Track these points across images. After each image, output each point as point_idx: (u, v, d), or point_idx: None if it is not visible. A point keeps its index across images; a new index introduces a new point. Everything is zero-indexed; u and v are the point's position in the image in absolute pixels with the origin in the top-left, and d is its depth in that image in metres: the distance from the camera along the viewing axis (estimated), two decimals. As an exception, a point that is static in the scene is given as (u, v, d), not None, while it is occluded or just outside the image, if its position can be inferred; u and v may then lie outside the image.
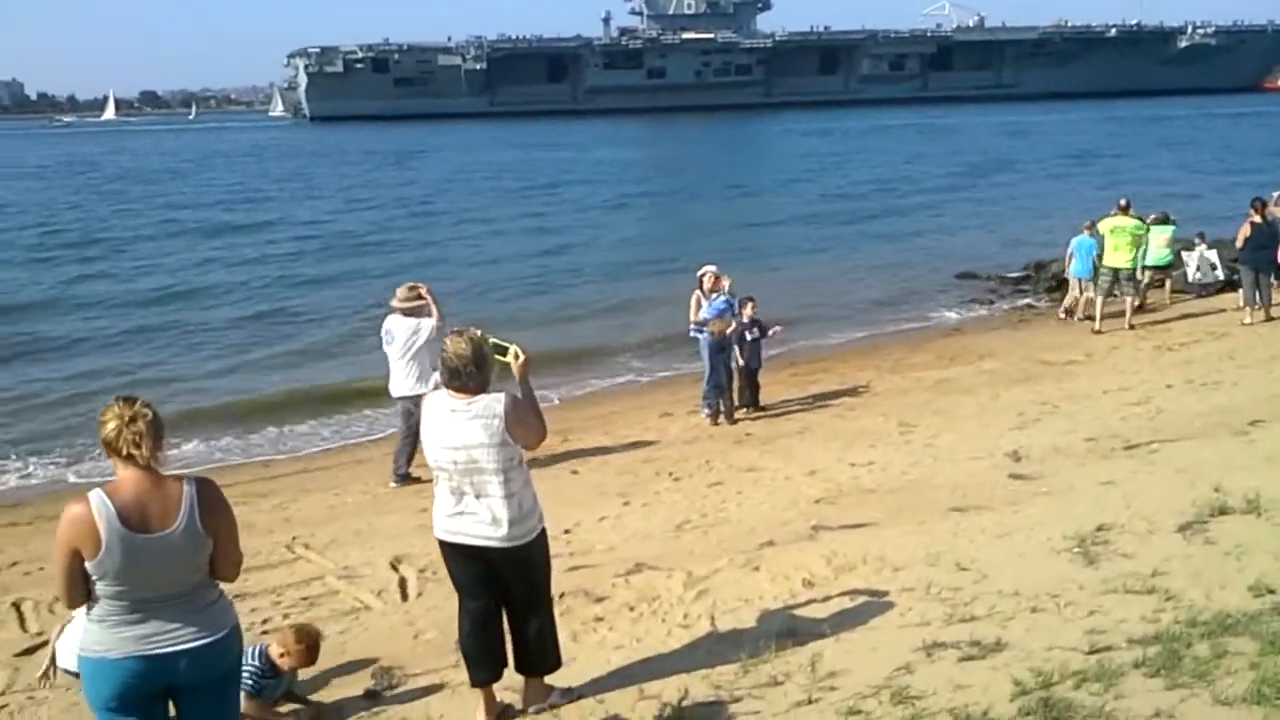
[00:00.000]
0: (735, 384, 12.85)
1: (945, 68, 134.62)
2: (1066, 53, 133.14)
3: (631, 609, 7.00)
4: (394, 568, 8.25)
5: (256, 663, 5.66)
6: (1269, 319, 15.60)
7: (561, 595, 7.31)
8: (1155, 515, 7.51)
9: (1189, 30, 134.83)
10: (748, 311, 12.83)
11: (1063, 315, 17.65)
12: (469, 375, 5.09)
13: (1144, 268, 17.40)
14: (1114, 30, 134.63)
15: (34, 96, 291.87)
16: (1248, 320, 15.56)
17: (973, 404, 12.16)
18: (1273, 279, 15.79)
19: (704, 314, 12.74)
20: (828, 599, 6.79)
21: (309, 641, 5.83)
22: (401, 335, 10.47)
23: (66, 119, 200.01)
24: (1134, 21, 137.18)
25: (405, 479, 10.89)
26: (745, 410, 12.88)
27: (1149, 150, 58.00)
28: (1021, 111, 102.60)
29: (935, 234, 30.13)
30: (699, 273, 13.08)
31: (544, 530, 5.51)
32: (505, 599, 5.45)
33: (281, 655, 5.74)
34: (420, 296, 10.58)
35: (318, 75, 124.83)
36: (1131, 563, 6.74)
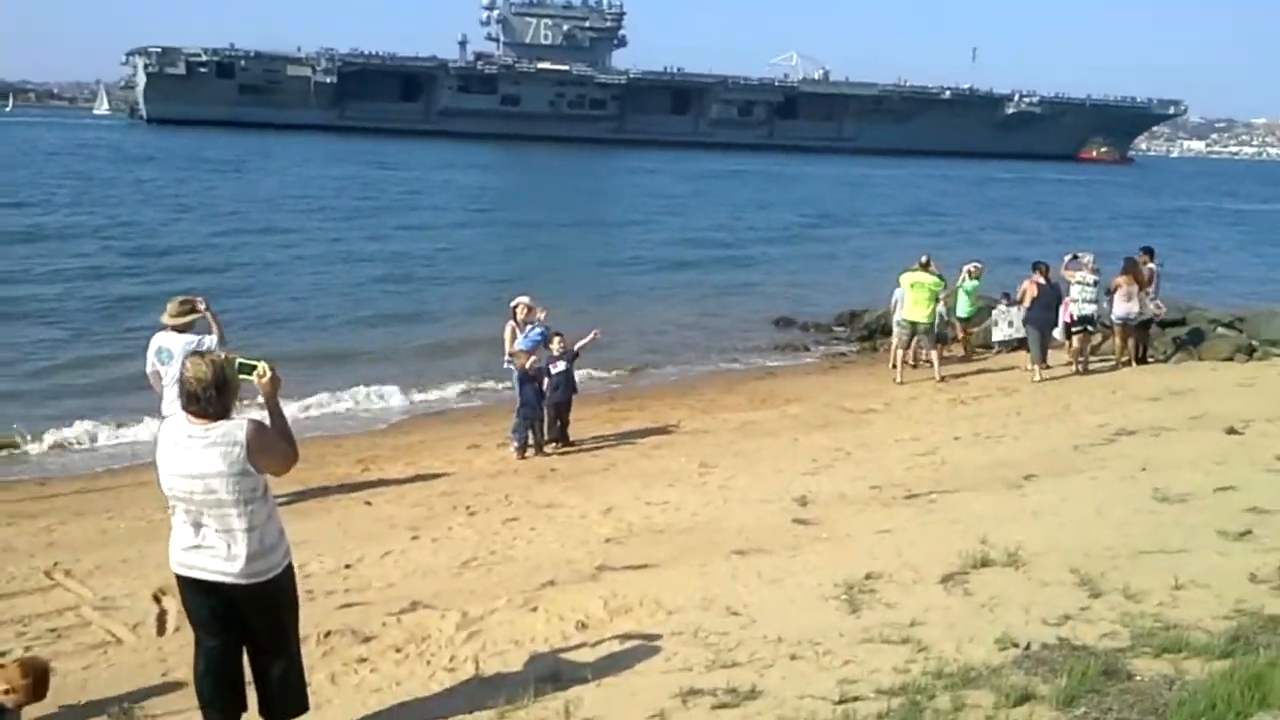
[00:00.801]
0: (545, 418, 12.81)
1: (791, 116, 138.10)
2: (904, 111, 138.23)
3: (398, 650, 6.82)
4: (156, 599, 7.88)
5: None
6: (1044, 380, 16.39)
7: (328, 634, 7.13)
8: (922, 565, 7.71)
9: (1016, 98, 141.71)
10: (555, 345, 12.81)
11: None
12: (209, 400, 4.85)
13: (956, 320, 18.32)
14: (948, 93, 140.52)
15: None
16: (1037, 378, 16.28)
17: (773, 447, 12.37)
18: (1053, 338, 16.71)
19: (519, 345, 12.68)
20: (599, 642, 6.75)
21: (35, 675, 5.47)
22: (181, 354, 9.98)
23: None
24: (966, 86, 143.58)
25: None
26: (554, 445, 12.84)
27: (975, 210, 60.55)
28: (860, 164, 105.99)
29: (764, 281, 30.64)
30: (512, 304, 13.02)
31: (289, 566, 5.30)
32: (246, 638, 5.23)
33: (6, 691, 5.37)
34: (194, 310, 10.07)
35: (158, 76, 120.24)
36: (893, 612, 6.90)
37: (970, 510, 9.15)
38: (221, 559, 4.96)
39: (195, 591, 5.11)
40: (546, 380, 12.66)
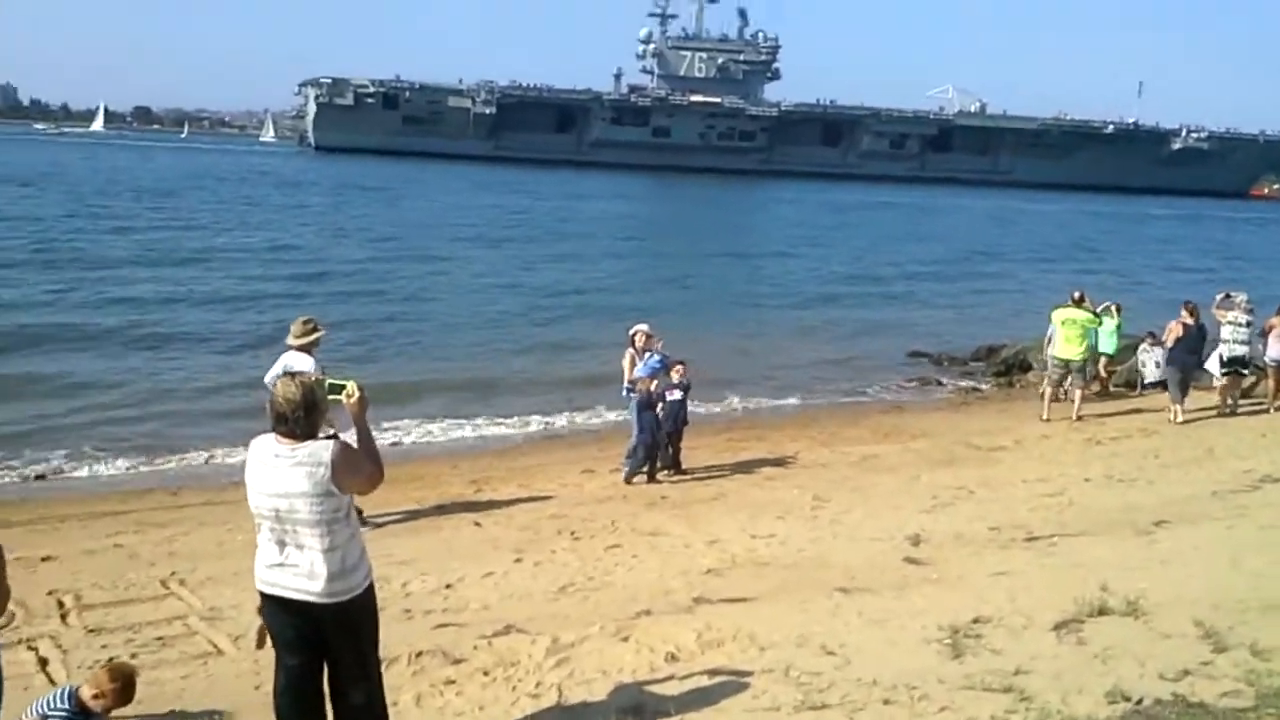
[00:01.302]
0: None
1: (944, 149, 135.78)
2: (1063, 145, 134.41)
3: (486, 674, 6.77)
4: (260, 612, 8.00)
5: (65, 705, 5.41)
6: (1186, 421, 15.69)
7: (419, 654, 7.13)
8: (1035, 611, 7.32)
9: (1183, 133, 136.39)
10: (676, 374, 12.71)
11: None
12: (296, 421, 4.89)
13: (1104, 355, 17.63)
14: (1111, 128, 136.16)
15: (26, 102, 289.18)
16: (1177, 420, 15.59)
17: (891, 483, 12.00)
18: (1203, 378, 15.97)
19: (638, 372, 12.64)
20: (687, 676, 6.58)
21: (123, 680, 5.59)
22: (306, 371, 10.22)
23: (53, 127, 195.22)
24: (1131, 120, 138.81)
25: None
26: (666, 472, 12.71)
27: (1133, 247, 58.35)
28: (1015, 198, 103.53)
29: (903, 315, 30.07)
30: (630, 331, 12.98)
31: (370, 586, 5.28)
32: (327, 657, 5.24)
33: (95, 696, 5.49)
34: (316, 330, 10.29)
35: (327, 106, 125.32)
36: (998, 659, 6.55)
37: (1093, 555, 8.67)
38: (304, 577, 4.97)
39: (278, 609, 5.14)
40: (662, 407, 12.55)
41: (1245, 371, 16.16)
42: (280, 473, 4.89)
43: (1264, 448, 13.30)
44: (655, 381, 12.37)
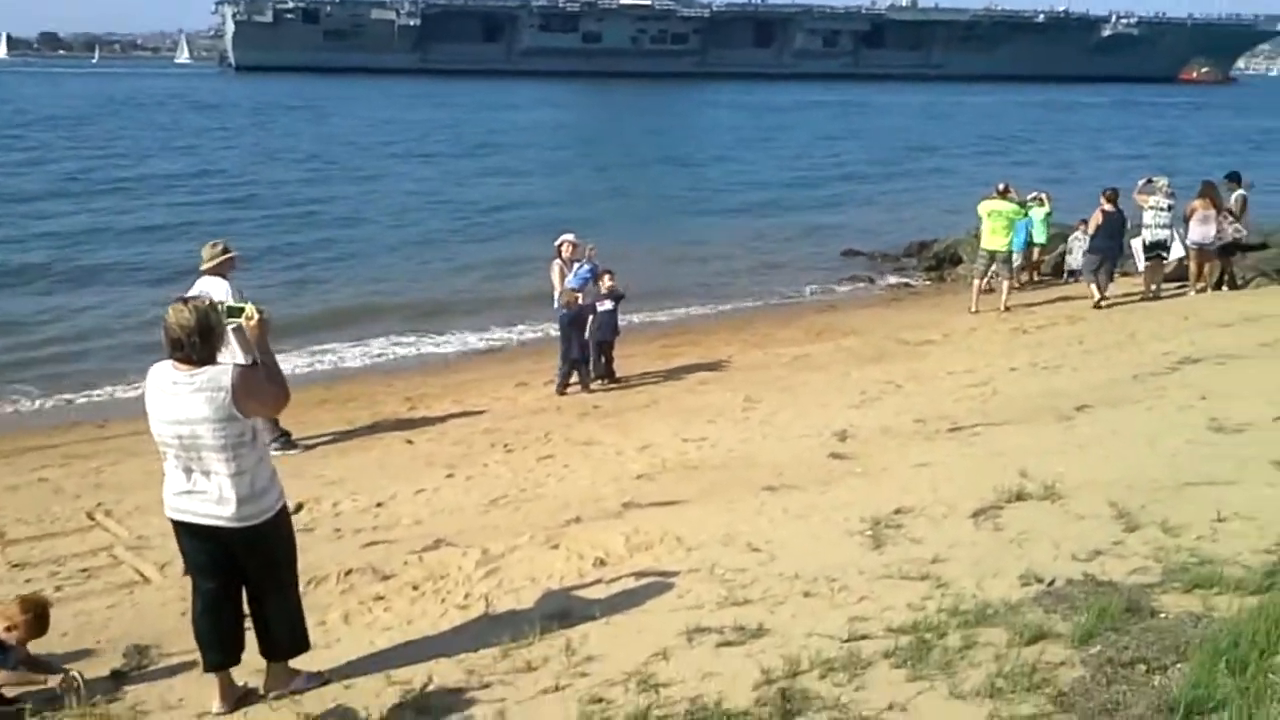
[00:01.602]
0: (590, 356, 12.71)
1: (877, 46, 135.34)
2: (995, 37, 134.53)
3: (415, 588, 6.79)
4: (180, 538, 7.97)
5: None
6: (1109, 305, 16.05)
7: (349, 572, 7.14)
8: (955, 499, 7.47)
9: (1113, 20, 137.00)
10: (605, 282, 12.66)
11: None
12: (192, 346, 4.81)
13: (1037, 245, 17.85)
14: (1041, 16, 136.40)
15: None
16: (1097, 303, 15.90)
17: (821, 381, 12.12)
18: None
19: (568, 283, 12.55)
20: (614, 580, 6.66)
21: (35, 611, 5.57)
22: (220, 297, 10.01)
23: None
24: (1061, 9, 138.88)
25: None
26: (600, 382, 12.73)
27: (1064, 135, 58.74)
28: (949, 92, 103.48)
29: (834, 214, 30.06)
30: (556, 242, 12.85)
31: (283, 508, 5.26)
32: (244, 580, 5.23)
33: (7, 629, 5.45)
34: (225, 251, 10.09)
35: (246, 24, 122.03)
36: (918, 548, 6.69)
37: (1014, 443, 8.84)
38: (213, 503, 4.94)
39: (190, 536, 5.11)
40: (593, 318, 12.53)
41: (1167, 256, 16.39)
42: (180, 399, 4.82)
43: (1184, 330, 13.55)
44: (580, 295, 12.30)
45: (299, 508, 8.68)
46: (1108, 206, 15.94)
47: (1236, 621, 5.08)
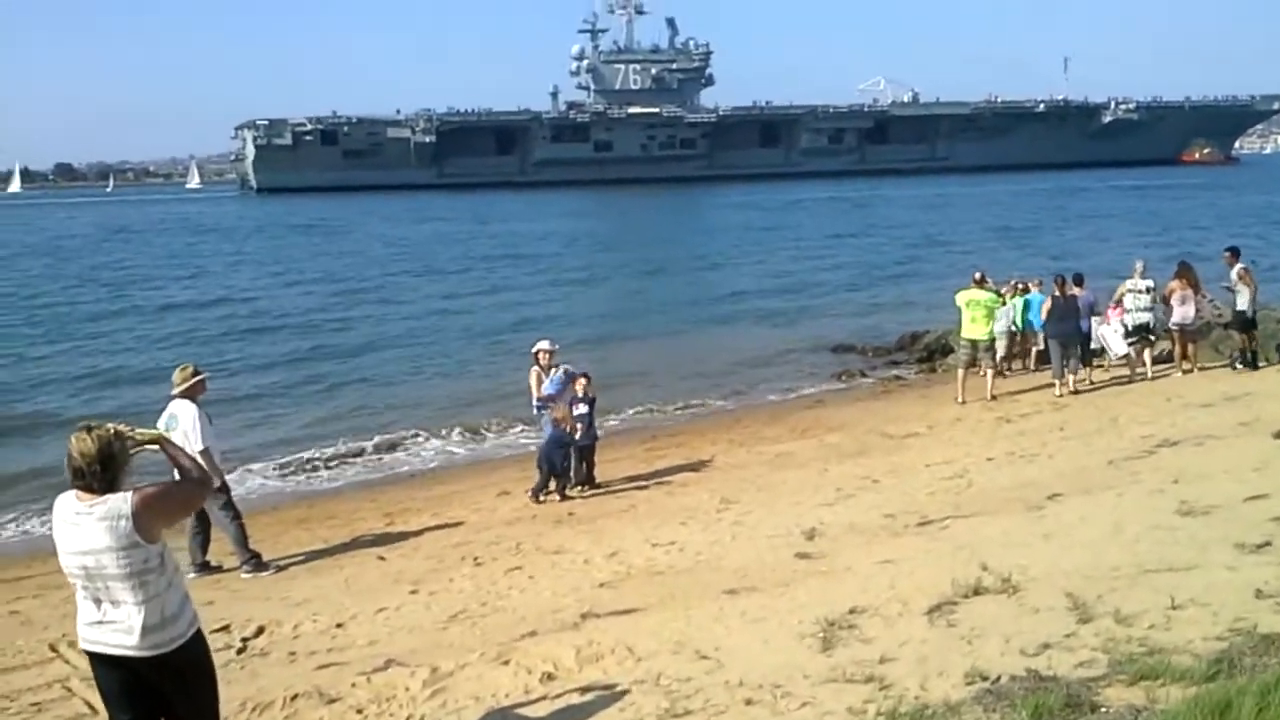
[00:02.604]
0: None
1: (882, 141, 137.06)
2: (997, 127, 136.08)
3: (359, 712, 6.67)
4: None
5: None
6: (1074, 392, 15.98)
7: (294, 697, 7.03)
8: (912, 596, 7.34)
9: (1112, 106, 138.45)
10: (579, 386, 12.67)
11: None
12: (93, 474, 4.75)
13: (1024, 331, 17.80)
14: (1042, 105, 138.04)
15: None
16: (1057, 393, 15.90)
17: (799, 479, 12.01)
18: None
19: (545, 389, 12.58)
20: (560, 694, 6.55)
21: None
22: (188, 421, 10.10)
23: None
24: (1060, 97, 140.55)
25: (204, 568, 10.56)
26: (580, 488, 12.66)
27: (1068, 222, 58.89)
28: (953, 184, 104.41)
29: (829, 309, 30.18)
30: (533, 349, 12.89)
31: (197, 635, 5.12)
32: (164, 712, 5.12)
33: None
34: (197, 374, 10.21)
35: (266, 148, 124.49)
36: (867, 648, 6.56)
37: (981, 535, 8.71)
38: (122, 633, 4.84)
39: (101, 665, 5.00)
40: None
41: (1152, 338, 16.33)
42: (82, 530, 4.76)
43: (1166, 412, 13.41)
44: (575, 420, 12.33)
45: (259, 631, 8.64)
46: (1055, 292, 16.10)
47: (1175, 715, 4.93)
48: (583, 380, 12.77)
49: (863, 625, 6.97)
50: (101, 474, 4.76)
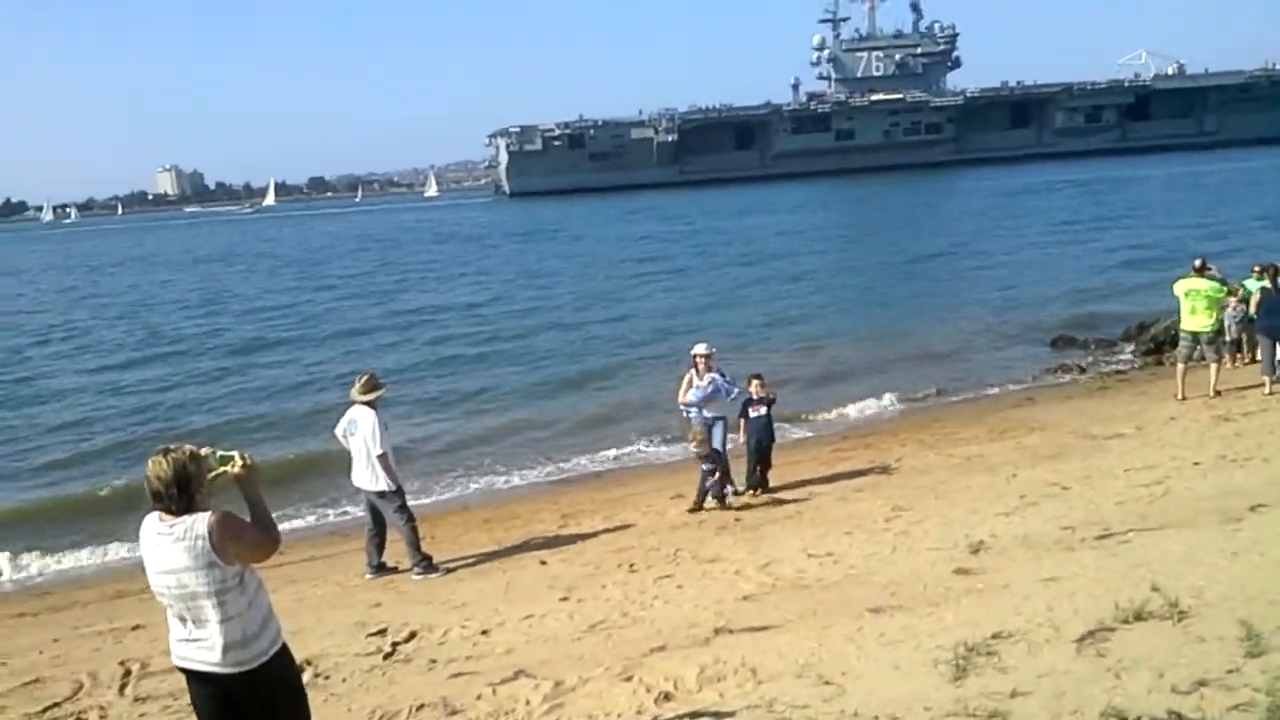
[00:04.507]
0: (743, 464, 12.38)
1: (1143, 117, 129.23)
2: (1275, 97, 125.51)
3: (476, 725, 6.65)
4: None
5: None
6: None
7: (420, 707, 7.07)
8: (1067, 621, 6.69)
9: None
10: (754, 388, 12.30)
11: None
12: (170, 497, 4.86)
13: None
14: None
15: (212, 186, 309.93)
16: (1267, 391, 14.45)
17: (983, 484, 11.22)
18: None
19: (691, 395, 12.19)
20: (674, 716, 6.30)
21: None
22: (367, 427, 10.37)
23: (247, 207, 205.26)
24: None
25: (380, 569, 10.84)
26: (753, 492, 12.28)
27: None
28: (1225, 160, 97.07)
29: (1056, 298, 28.47)
30: (691, 351, 12.44)
31: (280, 652, 5.14)
32: None
33: None
34: (378, 386, 10.45)
35: (518, 154, 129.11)
36: (1001, 679, 6.00)
37: (1162, 550, 7.87)
38: (206, 650, 4.94)
39: (192, 682, 5.12)
40: (745, 424, 12.21)
41: None
42: (163, 550, 4.86)
43: None
44: (701, 437, 11.80)
45: (411, 636, 8.76)
46: (1266, 283, 14.92)
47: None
48: (757, 382, 12.39)
49: (1004, 652, 6.38)
50: (179, 495, 4.84)
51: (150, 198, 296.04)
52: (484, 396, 21.44)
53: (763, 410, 12.27)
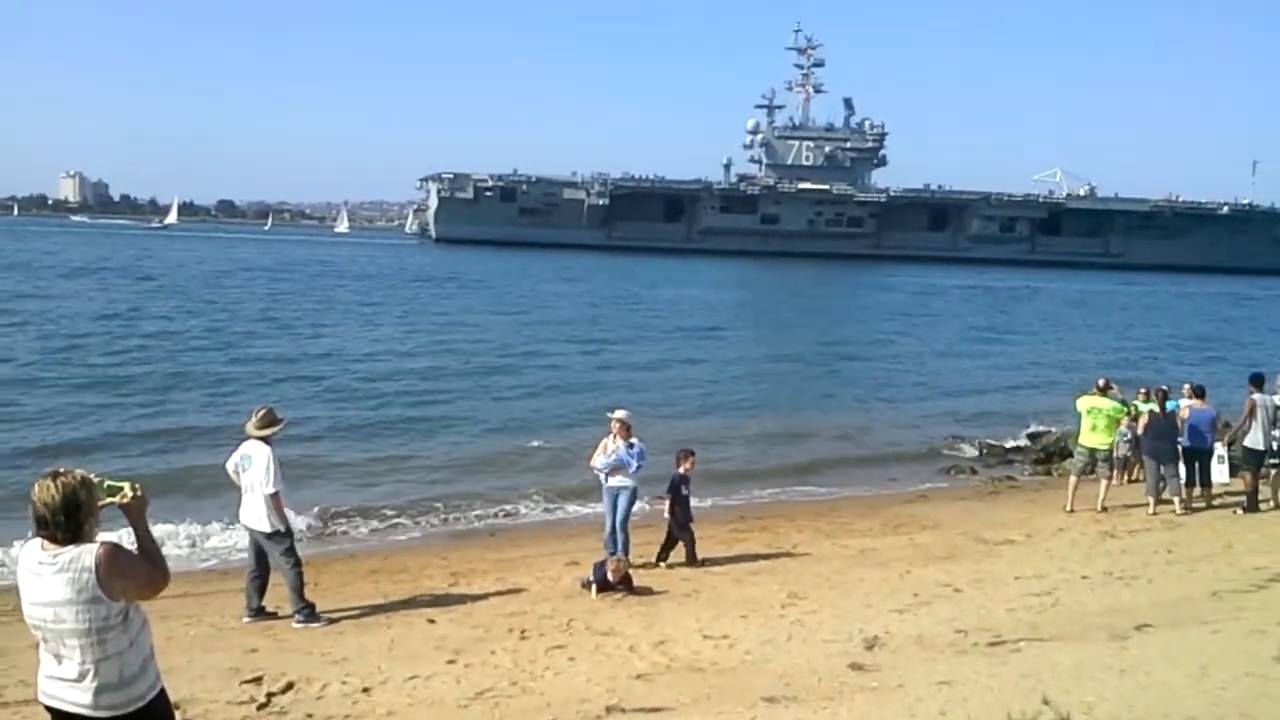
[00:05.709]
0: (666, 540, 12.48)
1: (1054, 232, 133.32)
2: (1176, 227, 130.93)
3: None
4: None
5: None
6: (1188, 510, 15.01)
7: (283, 774, 6.80)
8: (956, 729, 6.70)
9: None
10: (686, 466, 12.35)
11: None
12: (58, 524, 4.58)
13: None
14: (1226, 209, 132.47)
15: (116, 198, 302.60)
16: (1150, 512, 14.86)
17: (877, 579, 11.29)
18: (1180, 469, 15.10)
19: (597, 461, 12.17)
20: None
21: None
22: (261, 463, 10.11)
23: (157, 221, 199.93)
24: (1245, 201, 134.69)
25: (259, 613, 10.50)
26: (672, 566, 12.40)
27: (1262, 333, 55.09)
28: (1128, 280, 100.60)
29: (957, 404, 28.84)
30: (611, 415, 12.38)
31: (159, 697, 4.88)
32: None
33: None
34: (275, 421, 10.21)
35: (449, 200, 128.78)
36: (887, 785, 5.97)
37: (1052, 663, 7.96)
38: (78, 690, 4.66)
39: None
40: (669, 502, 12.32)
41: (1273, 462, 15.04)
42: (43, 581, 4.59)
43: (1291, 544, 12.26)
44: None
45: (288, 688, 8.43)
46: (1154, 407, 15.35)
47: None
48: (689, 458, 12.46)
49: (892, 756, 6.37)
50: (66, 524, 4.59)
51: (50, 202, 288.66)
52: (379, 440, 21.12)
53: (687, 490, 12.41)
